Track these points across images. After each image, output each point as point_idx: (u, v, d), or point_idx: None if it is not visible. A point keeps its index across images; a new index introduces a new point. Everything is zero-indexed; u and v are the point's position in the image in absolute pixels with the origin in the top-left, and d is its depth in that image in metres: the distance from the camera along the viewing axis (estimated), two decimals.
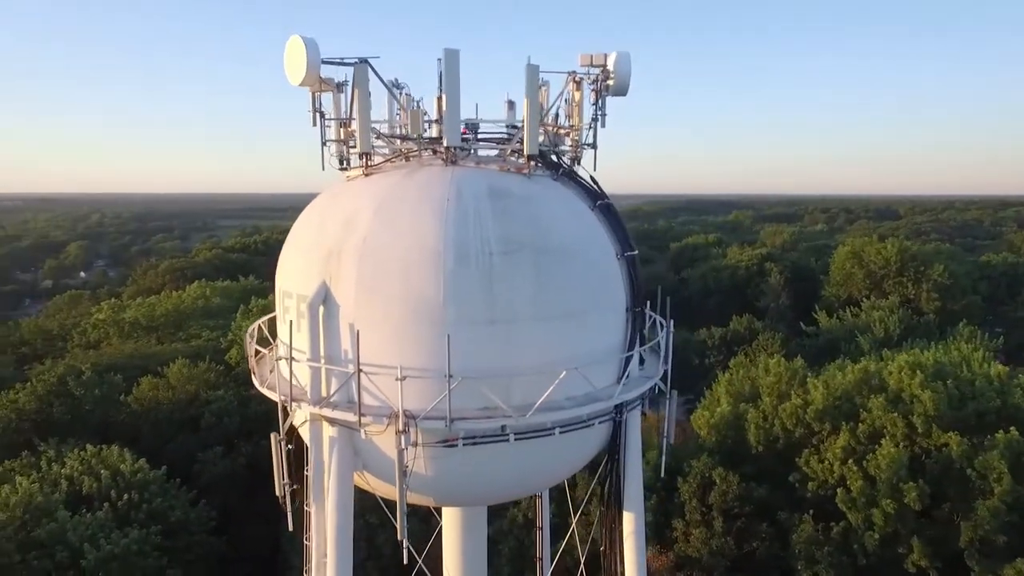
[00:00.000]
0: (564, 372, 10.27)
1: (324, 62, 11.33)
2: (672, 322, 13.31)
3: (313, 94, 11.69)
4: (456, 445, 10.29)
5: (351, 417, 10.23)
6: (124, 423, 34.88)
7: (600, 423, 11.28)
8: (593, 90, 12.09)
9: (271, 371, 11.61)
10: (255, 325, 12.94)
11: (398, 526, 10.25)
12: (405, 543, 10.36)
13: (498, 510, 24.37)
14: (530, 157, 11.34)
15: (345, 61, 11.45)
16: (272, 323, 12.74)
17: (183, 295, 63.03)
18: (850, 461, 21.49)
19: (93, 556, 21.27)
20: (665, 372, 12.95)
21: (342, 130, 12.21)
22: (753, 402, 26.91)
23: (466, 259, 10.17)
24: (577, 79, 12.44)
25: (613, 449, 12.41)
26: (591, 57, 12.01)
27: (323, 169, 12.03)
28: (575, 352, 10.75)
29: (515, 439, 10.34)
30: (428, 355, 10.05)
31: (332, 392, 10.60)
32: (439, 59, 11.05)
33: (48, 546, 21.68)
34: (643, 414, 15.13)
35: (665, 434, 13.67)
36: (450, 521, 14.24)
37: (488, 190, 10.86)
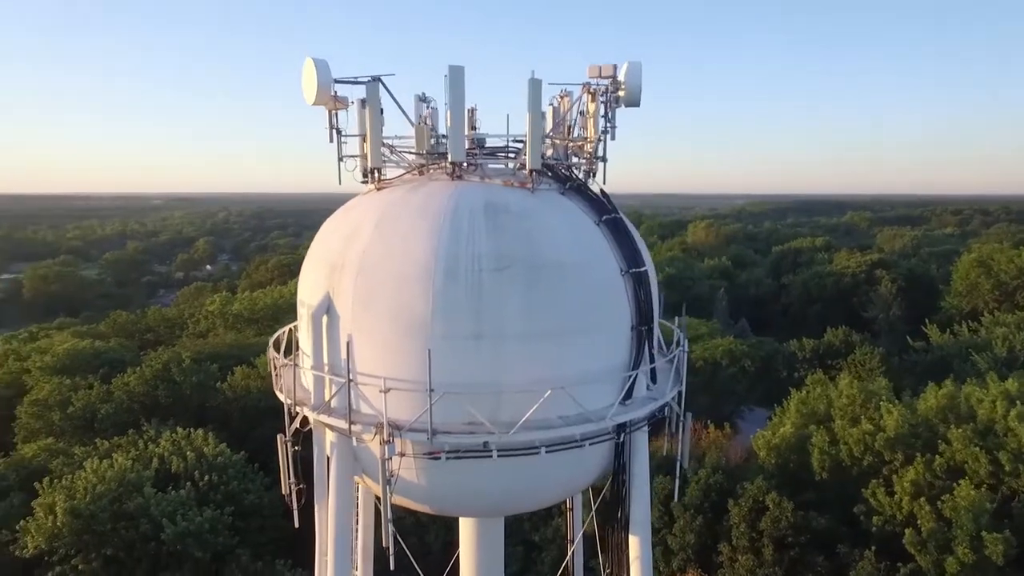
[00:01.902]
0: (549, 391, 10.16)
1: (337, 81, 11.87)
2: (687, 341, 12.79)
3: (330, 112, 12.23)
4: (440, 458, 10.45)
5: (344, 424, 10.67)
6: (218, 408, 37.93)
7: (592, 444, 11.02)
8: (602, 102, 11.83)
9: (278, 376, 12.30)
10: (284, 330, 13.72)
11: (384, 533, 10.55)
12: (392, 549, 10.64)
13: (544, 518, 24.35)
14: (532, 171, 11.29)
15: (358, 80, 11.91)
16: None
17: (284, 289, 67.51)
18: (922, 499, 19.44)
19: (171, 531, 23.40)
20: (679, 393, 12.47)
21: (365, 145, 12.66)
22: (825, 424, 25.07)
23: (455, 274, 10.30)
24: (592, 90, 12.22)
25: (619, 470, 12.09)
26: (599, 68, 11.76)
27: (339, 184, 12.55)
28: (567, 371, 10.58)
29: (499, 456, 10.35)
30: (415, 368, 10.25)
31: (330, 398, 11.08)
32: (445, 75, 11.24)
33: (135, 518, 24.09)
34: (672, 433, 14.62)
35: (679, 458, 13.12)
36: (465, 530, 14.41)
37: (484, 206, 10.90)
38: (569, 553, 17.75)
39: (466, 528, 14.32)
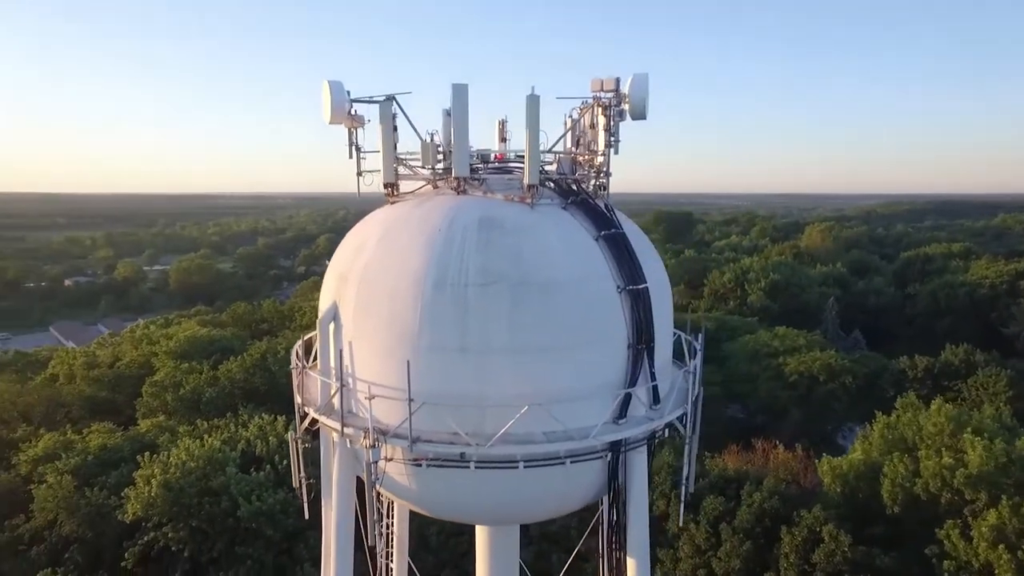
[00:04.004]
0: (527, 407, 10.19)
1: (353, 101, 12.50)
2: (699, 357, 12.27)
3: (349, 129, 12.90)
4: (421, 465, 10.78)
5: (337, 426, 11.28)
6: None
7: (577, 462, 10.88)
8: (604, 115, 11.64)
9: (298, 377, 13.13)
10: (313, 334, 14.63)
11: (369, 531, 11.05)
12: (380, 548, 11.12)
13: (594, 528, 24.01)
14: (530, 186, 11.34)
15: (373, 99, 12.50)
16: None
17: None
18: (1001, 547, 17.16)
19: (246, 509, 25.52)
20: (684, 414, 12.00)
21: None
22: (911, 453, 22.83)
23: (443, 288, 10.58)
24: (602, 103, 12.07)
25: (615, 490, 11.86)
26: (602, 82, 11.59)
27: (358, 196, 13.23)
28: (554, 387, 10.56)
29: (477, 468, 10.52)
30: (402, 377, 10.64)
31: (330, 399, 11.73)
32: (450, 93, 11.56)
33: (218, 495, 26.49)
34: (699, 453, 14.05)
35: (684, 482, 12.62)
36: (480, 534, 14.67)
37: (479, 220, 11.10)
38: (600, 567, 17.54)
39: (480, 532, 14.59)
